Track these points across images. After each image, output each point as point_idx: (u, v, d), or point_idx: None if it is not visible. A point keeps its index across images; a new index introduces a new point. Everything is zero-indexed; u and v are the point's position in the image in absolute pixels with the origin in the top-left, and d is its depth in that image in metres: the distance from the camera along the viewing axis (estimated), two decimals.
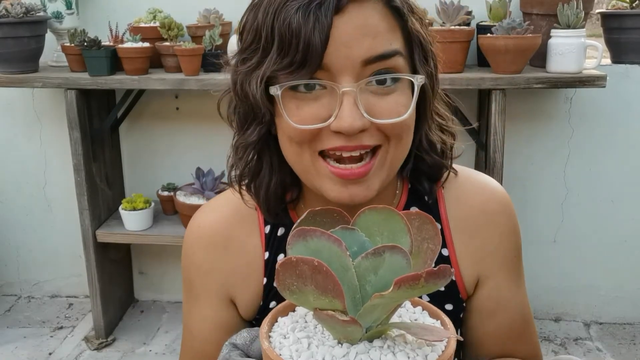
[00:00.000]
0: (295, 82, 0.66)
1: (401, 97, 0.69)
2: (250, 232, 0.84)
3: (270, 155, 0.78)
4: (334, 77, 0.66)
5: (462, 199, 0.84)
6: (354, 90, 0.66)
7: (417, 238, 0.58)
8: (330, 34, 0.64)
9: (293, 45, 0.64)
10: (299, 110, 0.68)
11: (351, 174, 0.69)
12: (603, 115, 2.26)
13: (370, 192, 0.70)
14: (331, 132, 0.67)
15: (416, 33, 0.71)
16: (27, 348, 2.32)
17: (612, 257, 2.39)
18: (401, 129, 0.70)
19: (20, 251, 2.67)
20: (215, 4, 2.21)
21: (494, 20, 2.04)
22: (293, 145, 0.71)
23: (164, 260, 2.60)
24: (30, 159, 2.54)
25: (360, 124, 0.66)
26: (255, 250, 0.84)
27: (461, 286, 0.83)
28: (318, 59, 0.64)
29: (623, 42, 2.19)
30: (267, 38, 0.67)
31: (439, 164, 0.81)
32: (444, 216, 0.83)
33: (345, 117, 0.65)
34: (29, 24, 2.08)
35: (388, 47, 0.67)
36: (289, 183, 0.80)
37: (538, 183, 2.35)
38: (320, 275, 0.50)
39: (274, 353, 0.54)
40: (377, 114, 0.67)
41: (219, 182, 2.30)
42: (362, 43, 0.66)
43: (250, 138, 0.75)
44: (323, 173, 0.70)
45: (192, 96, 2.37)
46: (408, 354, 0.53)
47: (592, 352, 2.25)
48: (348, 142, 0.67)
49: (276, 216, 0.82)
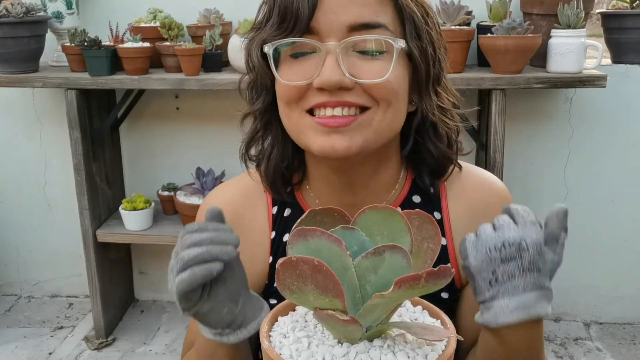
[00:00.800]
0: (283, 41, 0.72)
1: (385, 62, 0.72)
2: (258, 212, 0.88)
3: (275, 129, 0.82)
4: (322, 40, 0.72)
5: (463, 192, 0.87)
6: (337, 49, 0.70)
7: (417, 237, 0.58)
8: (318, 2, 0.71)
9: (288, 12, 0.72)
10: (290, 70, 0.74)
11: (333, 121, 0.72)
12: (603, 115, 2.26)
13: (352, 145, 0.73)
14: (316, 90, 0.72)
15: (408, 10, 0.75)
16: (27, 348, 2.32)
17: (612, 257, 2.39)
18: (387, 92, 0.73)
19: (20, 251, 2.67)
20: (215, 4, 2.21)
21: (494, 20, 2.04)
22: (284, 106, 0.76)
23: (164, 260, 2.60)
24: (30, 159, 2.54)
25: (338, 79, 0.70)
26: (262, 229, 0.87)
27: (457, 276, 0.85)
28: (306, 21, 0.71)
29: (623, 42, 2.19)
30: (270, 9, 0.75)
31: (445, 156, 0.83)
32: (445, 207, 0.86)
33: (325, 72, 0.70)
34: (29, 24, 2.08)
35: (374, 18, 0.72)
36: (296, 164, 0.84)
37: (538, 183, 2.35)
38: (321, 274, 0.50)
39: (274, 352, 0.54)
40: (360, 75, 0.71)
41: (219, 182, 2.30)
42: (349, 10, 0.71)
43: (256, 106, 0.81)
44: (309, 126, 0.74)
45: (192, 96, 2.37)
46: (408, 354, 0.53)
47: (592, 352, 2.26)
48: (330, 97, 0.72)
49: (278, 192, 0.85)
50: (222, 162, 2.35)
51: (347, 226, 0.57)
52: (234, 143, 0.90)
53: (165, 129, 2.46)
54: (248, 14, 2.08)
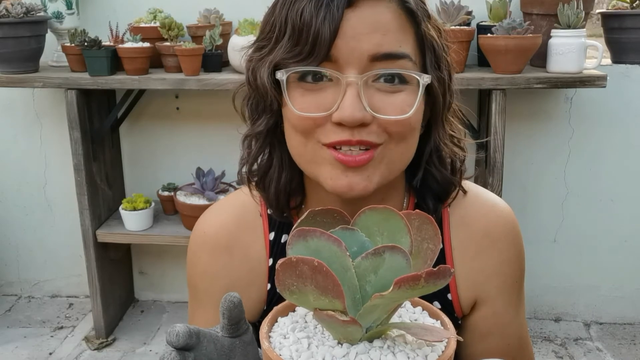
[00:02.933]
0: (301, 69, 0.67)
1: (408, 97, 0.69)
2: (255, 238, 0.84)
3: (280, 151, 0.78)
4: (341, 69, 0.67)
5: (466, 220, 0.83)
6: (358, 81, 0.66)
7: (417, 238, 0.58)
8: (340, 27, 0.65)
9: (303, 34, 0.66)
10: (304, 99, 0.69)
11: (352, 160, 0.68)
12: (603, 115, 2.26)
13: (369, 184, 0.70)
14: (334, 125, 0.68)
15: (429, 38, 0.71)
16: (27, 348, 2.32)
17: (612, 257, 2.39)
18: (404, 128, 0.69)
19: (20, 251, 2.67)
20: (215, 4, 2.21)
21: (494, 20, 2.04)
22: (297, 135, 0.71)
23: (164, 260, 2.60)
24: (30, 159, 2.54)
25: (361, 115, 0.66)
26: (259, 256, 0.84)
27: (457, 305, 0.83)
28: (326, 49, 0.66)
29: (623, 42, 2.19)
30: (281, 28, 0.69)
31: (448, 181, 0.80)
32: (447, 236, 0.82)
33: (346, 107, 0.66)
34: (29, 24, 2.08)
35: (397, 48, 0.68)
36: (294, 188, 0.80)
37: (538, 183, 2.35)
38: (320, 275, 0.50)
39: (274, 353, 0.54)
40: (381, 110, 0.67)
41: (219, 182, 2.30)
42: (371, 38, 0.66)
43: (258, 128, 0.76)
44: (325, 159, 0.70)
45: (192, 96, 2.37)
46: (408, 354, 0.53)
47: (592, 352, 2.25)
48: (350, 136, 0.67)
49: (283, 214, 0.81)
50: (222, 162, 2.35)
51: (347, 227, 0.57)
52: (234, 143, 0.89)
53: (165, 129, 2.45)
54: (248, 14, 2.08)
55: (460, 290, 0.82)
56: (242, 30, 2.05)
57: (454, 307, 0.83)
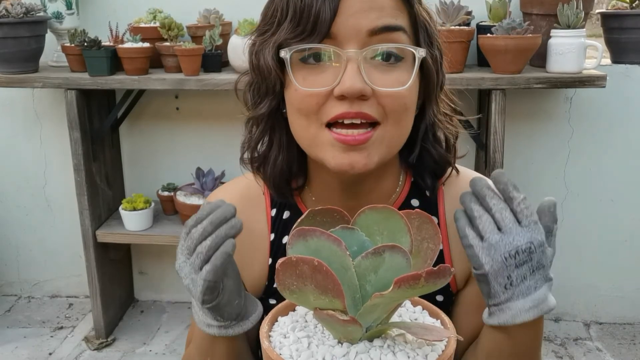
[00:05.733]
0: (303, 46, 0.71)
1: (404, 73, 0.72)
2: (257, 214, 0.88)
3: (280, 134, 0.81)
4: (341, 45, 0.71)
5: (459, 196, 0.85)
6: (358, 56, 0.70)
7: (417, 238, 0.58)
8: (339, 6, 0.69)
9: (305, 15, 0.70)
10: (306, 80, 0.72)
11: (353, 139, 0.71)
12: (603, 115, 2.26)
13: (369, 162, 0.72)
14: (335, 100, 0.71)
15: (422, 18, 0.75)
16: (27, 348, 2.32)
17: (612, 257, 2.39)
18: (400, 107, 0.72)
19: (20, 251, 2.67)
20: (215, 4, 2.21)
21: (494, 20, 2.04)
22: (301, 117, 0.74)
23: (164, 260, 2.60)
24: (30, 159, 2.54)
25: (361, 86, 0.69)
26: (261, 232, 0.87)
27: (452, 280, 0.86)
28: (326, 27, 0.69)
29: (623, 42, 2.19)
30: (282, 11, 0.73)
31: (444, 159, 0.84)
32: (442, 212, 0.86)
33: (346, 80, 0.69)
34: (29, 24, 2.08)
35: (393, 21, 0.72)
36: (295, 170, 0.84)
37: (538, 183, 2.35)
38: (320, 274, 0.50)
39: (274, 352, 0.54)
40: (379, 84, 0.71)
41: (219, 182, 2.30)
42: (368, 15, 0.70)
43: (260, 111, 0.79)
44: (326, 141, 0.73)
45: (192, 96, 2.37)
46: (408, 354, 0.53)
47: (592, 352, 2.26)
48: (350, 107, 0.70)
49: (283, 195, 0.85)
50: (222, 162, 2.35)
51: (347, 226, 0.57)
52: (234, 143, 0.90)
53: (165, 129, 2.46)
54: (248, 14, 2.08)
55: (456, 264, 0.85)
56: (242, 30, 2.05)
57: (449, 282, 0.85)
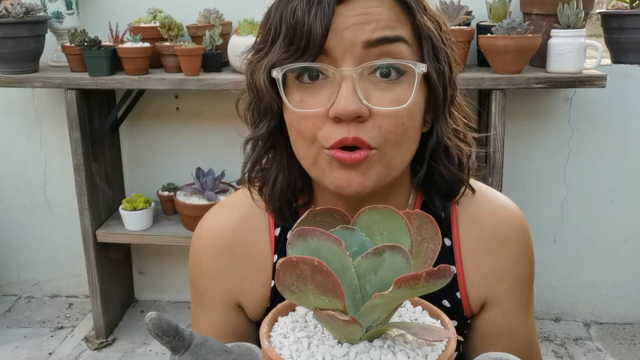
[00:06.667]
0: (293, 66, 0.68)
1: (405, 89, 0.68)
2: (260, 235, 0.84)
3: (280, 153, 0.79)
4: (336, 63, 0.67)
5: (475, 219, 0.82)
6: (353, 75, 0.66)
7: (417, 238, 0.58)
8: (332, 22, 0.66)
9: (297, 33, 0.67)
10: (302, 101, 0.69)
11: (349, 158, 0.68)
12: (603, 115, 2.26)
13: (365, 181, 0.70)
14: (332, 124, 0.68)
15: (426, 29, 0.71)
16: (27, 348, 2.32)
17: (612, 257, 2.39)
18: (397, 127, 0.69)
19: (20, 251, 2.67)
20: (215, 4, 2.21)
21: (494, 20, 2.04)
22: (302, 140, 0.71)
23: (164, 260, 2.60)
24: (30, 159, 2.54)
25: (356, 107, 0.66)
26: (264, 253, 0.83)
27: (466, 305, 0.82)
28: (319, 44, 0.66)
29: (623, 42, 2.19)
30: (276, 29, 0.70)
31: (456, 178, 0.79)
32: (455, 233, 0.82)
33: (341, 100, 0.66)
34: (29, 24, 2.08)
35: (391, 33, 0.68)
36: (300, 187, 0.80)
37: (538, 183, 2.35)
38: (320, 275, 0.50)
39: (274, 353, 0.54)
40: (377, 103, 0.67)
41: (219, 182, 2.30)
42: (364, 28, 0.67)
43: (260, 131, 0.76)
44: (325, 160, 0.70)
45: (192, 96, 2.37)
46: (408, 354, 0.53)
47: (592, 352, 2.26)
48: (347, 133, 0.67)
49: (283, 216, 0.81)
50: (222, 162, 2.35)
51: (347, 226, 0.57)
52: (234, 143, 0.88)
53: (165, 129, 2.46)
54: (248, 14, 2.08)
55: (470, 290, 0.82)
56: (242, 30, 2.05)
57: (462, 306, 0.82)
